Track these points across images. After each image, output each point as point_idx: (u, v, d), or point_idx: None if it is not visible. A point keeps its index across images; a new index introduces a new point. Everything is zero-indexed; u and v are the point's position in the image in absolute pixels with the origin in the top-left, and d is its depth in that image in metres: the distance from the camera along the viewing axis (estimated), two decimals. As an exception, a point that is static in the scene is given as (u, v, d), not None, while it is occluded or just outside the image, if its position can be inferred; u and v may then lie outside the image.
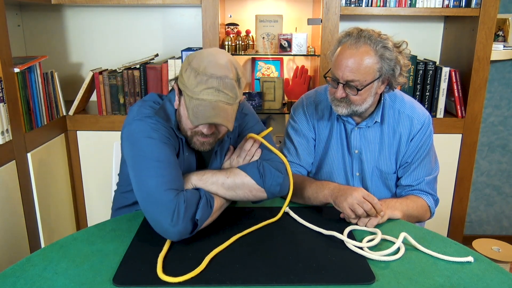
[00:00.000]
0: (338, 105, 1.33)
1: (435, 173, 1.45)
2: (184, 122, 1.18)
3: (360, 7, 2.05)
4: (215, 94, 1.10)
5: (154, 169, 1.12)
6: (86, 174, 2.18)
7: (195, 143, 1.20)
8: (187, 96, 1.12)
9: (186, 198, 1.10)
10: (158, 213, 1.08)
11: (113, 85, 2.09)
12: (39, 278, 0.96)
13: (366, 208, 1.18)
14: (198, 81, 1.10)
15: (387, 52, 1.26)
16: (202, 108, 1.10)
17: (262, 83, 2.27)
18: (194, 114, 1.10)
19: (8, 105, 1.62)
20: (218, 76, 1.10)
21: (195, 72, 1.10)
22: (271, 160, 1.26)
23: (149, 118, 1.19)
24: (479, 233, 2.74)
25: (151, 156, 1.14)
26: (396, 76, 1.30)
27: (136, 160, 1.16)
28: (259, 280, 0.95)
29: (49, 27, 2.32)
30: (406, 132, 1.40)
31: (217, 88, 1.10)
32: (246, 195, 1.21)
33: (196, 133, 1.18)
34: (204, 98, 1.10)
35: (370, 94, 1.31)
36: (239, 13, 2.37)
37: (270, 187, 1.21)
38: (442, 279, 0.98)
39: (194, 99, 1.10)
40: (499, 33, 2.33)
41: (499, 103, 2.52)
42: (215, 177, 1.20)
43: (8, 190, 1.63)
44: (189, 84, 1.11)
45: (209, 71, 1.10)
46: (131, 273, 0.98)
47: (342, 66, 1.27)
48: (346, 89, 1.30)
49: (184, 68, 1.15)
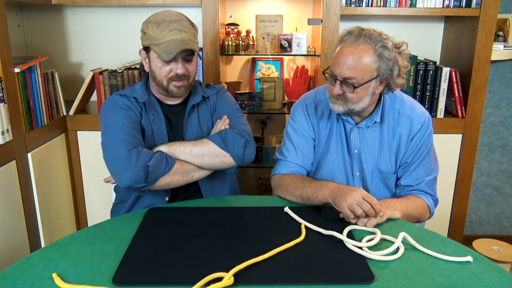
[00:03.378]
0: (335, 102, 1.34)
1: (435, 173, 1.45)
2: (158, 73, 1.37)
3: (360, 7, 2.05)
4: (178, 34, 1.32)
5: (113, 133, 1.31)
6: (86, 174, 2.18)
7: (172, 90, 1.38)
8: (155, 46, 1.32)
9: (140, 151, 1.26)
10: (114, 163, 1.26)
11: (113, 85, 2.09)
12: (39, 278, 0.96)
13: (365, 209, 1.18)
14: (161, 28, 1.31)
15: (386, 51, 1.27)
16: (172, 44, 1.30)
17: (262, 83, 2.27)
18: (166, 52, 1.30)
19: (9, 105, 1.62)
20: (176, 20, 1.33)
21: (156, 24, 1.32)
22: (236, 128, 1.41)
23: (114, 95, 1.43)
24: (480, 233, 2.74)
25: (111, 123, 1.34)
26: (394, 77, 1.30)
27: (102, 130, 1.36)
28: (259, 280, 0.96)
29: (49, 27, 2.32)
30: (406, 132, 1.40)
31: (178, 28, 1.32)
32: (213, 161, 1.35)
33: (171, 79, 1.36)
34: (171, 38, 1.31)
35: (367, 93, 1.31)
36: (239, 13, 2.37)
37: (233, 150, 1.35)
38: (441, 278, 0.98)
39: (162, 43, 1.31)
40: (500, 33, 2.33)
41: (499, 103, 2.52)
42: (182, 146, 1.35)
43: (8, 190, 1.63)
44: (155, 35, 1.32)
45: (167, 18, 1.33)
46: (131, 273, 0.98)
47: (341, 63, 1.28)
48: (343, 86, 1.30)
49: (144, 28, 1.35)
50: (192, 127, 1.47)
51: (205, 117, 1.50)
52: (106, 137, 1.33)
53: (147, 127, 1.42)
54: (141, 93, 1.44)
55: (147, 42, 1.35)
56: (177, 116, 1.47)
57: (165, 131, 1.43)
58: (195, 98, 1.47)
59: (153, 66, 1.38)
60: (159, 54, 1.32)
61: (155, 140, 1.42)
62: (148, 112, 1.43)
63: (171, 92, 1.39)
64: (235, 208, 1.33)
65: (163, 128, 1.43)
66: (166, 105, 1.47)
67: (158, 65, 1.36)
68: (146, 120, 1.42)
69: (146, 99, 1.43)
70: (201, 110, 1.50)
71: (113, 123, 1.35)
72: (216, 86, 1.58)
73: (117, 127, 1.33)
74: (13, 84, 1.65)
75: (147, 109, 1.43)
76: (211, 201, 1.41)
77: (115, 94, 1.45)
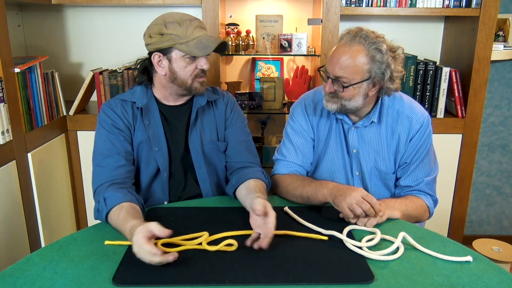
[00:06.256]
0: (328, 100, 1.35)
1: (434, 173, 1.45)
2: (183, 73, 1.36)
3: (360, 7, 2.05)
4: (202, 30, 1.35)
5: (95, 157, 1.38)
6: (86, 174, 2.18)
7: (196, 87, 1.39)
8: (182, 45, 1.31)
9: (101, 198, 1.23)
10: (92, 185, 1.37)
11: (114, 85, 2.09)
12: (39, 278, 0.96)
13: (365, 208, 1.18)
14: (185, 27, 1.32)
15: (379, 54, 1.27)
16: (204, 40, 1.33)
17: (262, 83, 2.27)
18: (200, 48, 1.32)
19: (9, 105, 1.62)
20: (194, 18, 1.36)
21: (176, 24, 1.31)
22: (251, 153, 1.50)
23: (112, 100, 1.43)
24: (479, 233, 2.74)
25: (96, 142, 1.39)
26: (386, 80, 1.30)
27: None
28: (258, 280, 0.96)
29: (49, 27, 2.32)
30: (405, 132, 1.40)
31: (200, 26, 1.36)
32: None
33: (196, 76, 1.37)
34: (198, 35, 1.33)
35: (358, 93, 1.31)
36: (239, 13, 2.37)
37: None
38: (441, 278, 0.98)
39: (190, 40, 1.32)
40: (500, 33, 2.33)
41: (499, 103, 2.52)
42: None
43: (9, 190, 1.63)
44: (179, 34, 1.31)
45: (184, 17, 1.34)
46: (131, 273, 0.98)
47: (333, 61, 1.29)
48: (334, 85, 1.31)
49: (161, 30, 1.32)
50: (196, 130, 1.45)
51: (209, 122, 1.48)
52: (94, 152, 1.39)
53: (142, 133, 1.40)
54: (141, 97, 1.42)
55: (169, 42, 1.32)
56: (177, 117, 1.45)
57: (162, 135, 1.42)
58: (200, 101, 1.45)
59: (175, 67, 1.36)
60: (190, 52, 1.31)
61: (152, 145, 1.41)
62: (144, 117, 1.41)
63: (195, 90, 1.39)
64: (235, 208, 1.33)
65: (159, 133, 1.42)
66: (167, 106, 1.45)
67: (182, 65, 1.35)
68: (141, 126, 1.41)
69: (144, 104, 1.42)
70: (205, 114, 1.48)
71: (97, 143, 1.39)
72: (221, 91, 1.55)
73: (98, 152, 1.37)
74: (13, 84, 1.66)
75: (144, 115, 1.41)
76: (211, 201, 1.41)
77: (114, 99, 1.44)
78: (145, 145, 1.41)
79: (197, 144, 1.44)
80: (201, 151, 1.45)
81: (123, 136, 1.38)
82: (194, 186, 1.46)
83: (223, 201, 1.40)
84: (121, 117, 1.40)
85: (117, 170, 1.33)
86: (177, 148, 1.44)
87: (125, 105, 1.42)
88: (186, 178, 1.46)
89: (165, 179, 1.43)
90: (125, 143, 1.38)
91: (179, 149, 1.45)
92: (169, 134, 1.44)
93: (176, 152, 1.44)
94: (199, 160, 1.45)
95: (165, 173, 1.43)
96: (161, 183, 1.43)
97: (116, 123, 1.39)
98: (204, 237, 1.10)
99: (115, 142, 1.37)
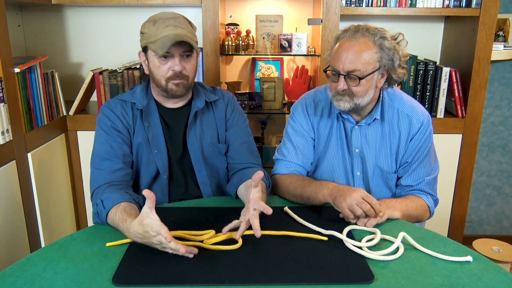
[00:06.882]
0: (340, 99, 1.33)
1: (435, 173, 1.45)
2: (157, 73, 1.35)
3: (360, 7, 2.05)
4: (173, 29, 1.29)
5: (94, 158, 1.37)
6: (86, 174, 2.18)
7: (172, 88, 1.36)
8: (152, 43, 1.30)
9: (100, 200, 1.22)
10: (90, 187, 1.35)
11: (114, 85, 2.09)
12: (39, 278, 0.96)
13: (365, 209, 1.18)
14: (157, 26, 1.30)
15: (386, 41, 1.28)
16: (166, 39, 1.27)
17: (262, 83, 2.27)
18: (161, 46, 1.27)
19: (9, 105, 1.62)
20: (172, 17, 1.32)
21: (152, 22, 1.31)
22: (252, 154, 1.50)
23: (111, 101, 1.43)
24: (479, 233, 2.74)
25: (95, 144, 1.38)
26: (396, 67, 1.31)
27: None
28: (258, 280, 0.96)
29: (49, 27, 2.32)
30: (405, 131, 1.40)
31: (174, 24, 1.30)
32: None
33: (169, 78, 1.34)
34: (166, 34, 1.28)
35: (371, 86, 1.31)
36: (240, 13, 2.37)
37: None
38: (441, 278, 0.98)
39: (158, 39, 1.28)
40: (500, 33, 2.33)
41: (499, 103, 2.52)
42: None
43: (8, 190, 1.63)
44: (151, 32, 1.30)
45: (163, 16, 1.32)
46: (131, 273, 0.98)
47: (342, 57, 1.29)
48: (347, 81, 1.30)
49: (142, 29, 1.35)
50: (195, 133, 1.44)
51: (209, 124, 1.47)
52: (92, 154, 1.39)
53: (142, 135, 1.40)
54: (141, 98, 1.42)
55: (144, 41, 1.34)
56: (176, 120, 1.44)
57: (161, 138, 1.41)
58: (198, 104, 1.44)
59: (151, 66, 1.36)
60: (155, 51, 1.30)
61: (151, 147, 1.40)
62: (144, 119, 1.41)
63: (171, 91, 1.36)
64: (235, 208, 1.32)
65: (159, 135, 1.41)
66: (166, 109, 1.44)
67: (156, 64, 1.34)
68: (141, 127, 1.41)
69: (145, 105, 1.41)
70: (205, 116, 1.47)
71: (96, 145, 1.39)
72: (222, 91, 1.54)
73: (96, 154, 1.37)
74: (13, 84, 1.66)
75: (144, 116, 1.41)
76: (211, 201, 1.41)
77: (113, 99, 1.44)
78: (145, 147, 1.41)
79: (196, 147, 1.44)
80: (201, 154, 1.44)
81: (121, 138, 1.38)
82: (194, 189, 1.46)
83: (224, 201, 1.40)
84: (121, 118, 1.40)
85: (115, 173, 1.33)
86: (176, 151, 1.44)
87: (125, 106, 1.42)
88: (186, 181, 1.46)
89: (165, 181, 1.43)
90: (123, 145, 1.38)
91: (178, 152, 1.44)
92: (168, 137, 1.43)
93: (175, 155, 1.44)
94: (199, 163, 1.44)
95: (164, 175, 1.42)
96: (161, 185, 1.43)
97: (115, 124, 1.39)
98: (210, 234, 1.12)
99: (114, 145, 1.36)
